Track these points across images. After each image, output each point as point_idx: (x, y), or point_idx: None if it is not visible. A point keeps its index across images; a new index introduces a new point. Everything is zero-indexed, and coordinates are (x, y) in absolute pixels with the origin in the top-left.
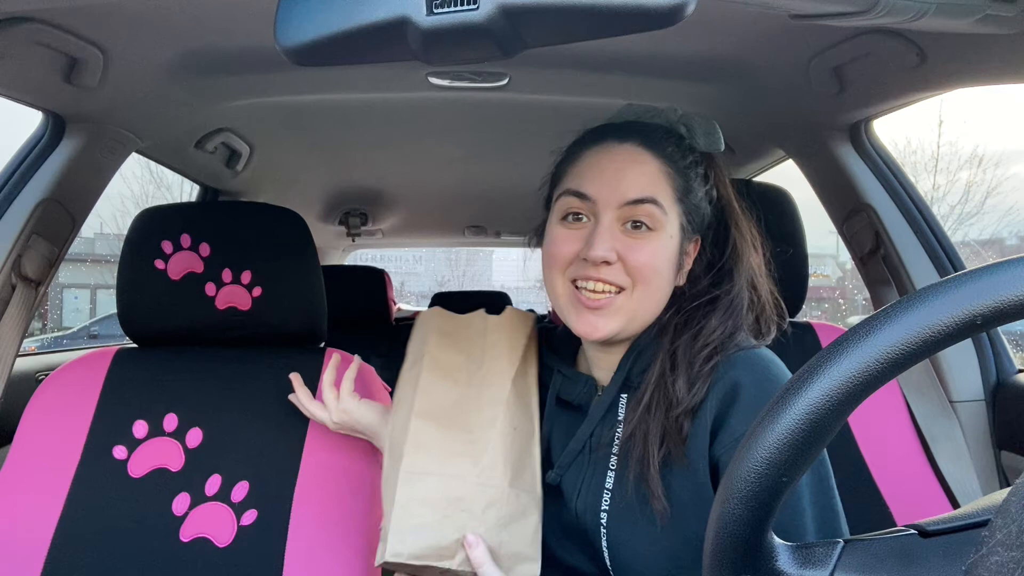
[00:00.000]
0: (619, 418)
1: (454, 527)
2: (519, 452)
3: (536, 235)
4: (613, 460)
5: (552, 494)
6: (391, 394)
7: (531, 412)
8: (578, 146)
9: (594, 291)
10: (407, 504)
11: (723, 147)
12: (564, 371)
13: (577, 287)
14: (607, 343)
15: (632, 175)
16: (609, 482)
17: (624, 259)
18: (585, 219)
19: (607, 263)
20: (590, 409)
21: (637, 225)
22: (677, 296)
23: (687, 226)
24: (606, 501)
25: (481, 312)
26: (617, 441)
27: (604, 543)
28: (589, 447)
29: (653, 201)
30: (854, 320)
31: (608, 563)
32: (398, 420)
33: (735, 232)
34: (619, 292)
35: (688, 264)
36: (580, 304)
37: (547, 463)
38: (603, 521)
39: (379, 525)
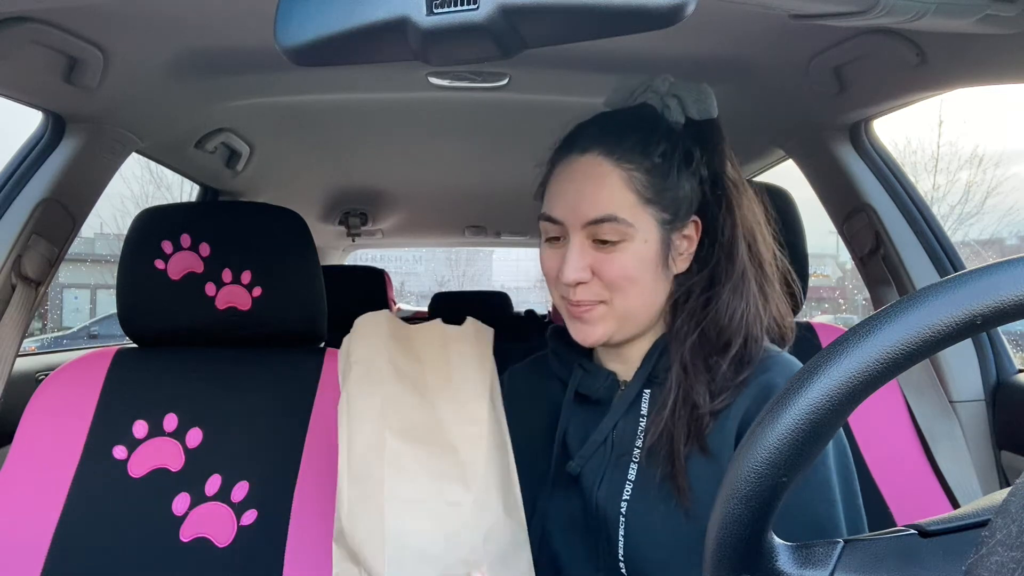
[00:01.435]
0: (642, 412)
1: (456, 563)
2: (506, 476)
3: None
4: (636, 453)
5: (562, 487)
6: None
7: (505, 434)
8: (552, 161)
9: (578, 304)
10: (401, 542)
11: (716, 112)
12: (585, 365)
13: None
14: (610, 345)
15: (590, 193)
16: (632, 473)
17: (599, 274)
18: (563, 239)
19: (581, 282)
20: (613, 402)
21: (606, 240)
22: (682, 281)
23: (670, 218)
24: (627, 492)
25: (438, 322)
26: (640, 434)
27: (621, 531)
28: (612, 440)
29: (612, 219)
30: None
31: (621, 553)
32: (362, 436)
33: (733, 210)
34: (600, 303)
35: (690, 247)
36: (569, 313)
37: (565, 456)
38: (623, 511)
39: None
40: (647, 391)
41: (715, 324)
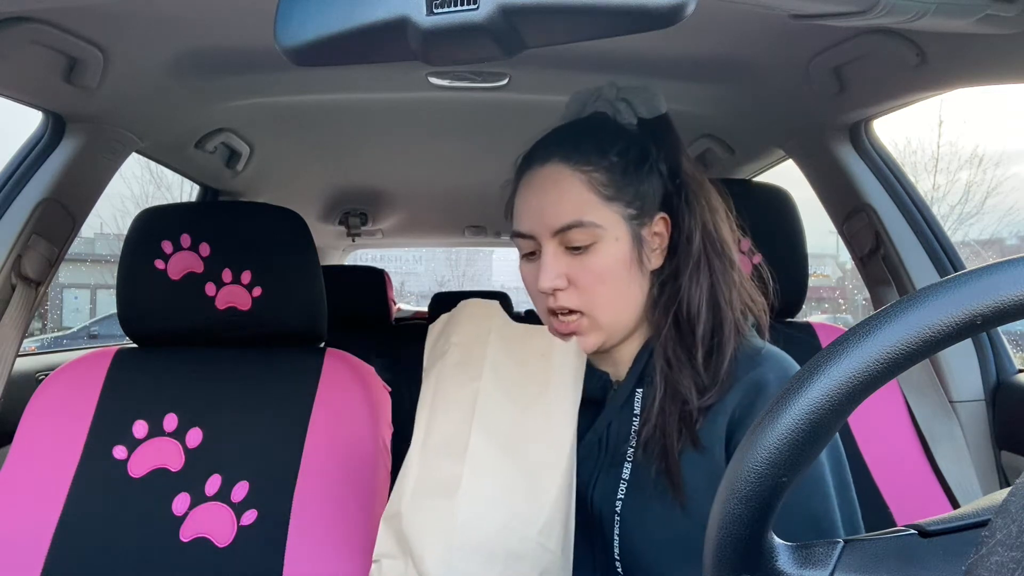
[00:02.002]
0: (635, 412)
1: None
2: (569, 511)
3: None
4: (630, 452)
5: None
6: (391, 395)
7: (574, 462)
8: (515, 177)
9: (564, 318)
10: (463, 541)
11: (664, 109)
12: None
13: (554, 314)
14: (602, 351)
15: (553, 201)
16: (626, 472)
17: (574, 282)
18: (536, 252)
19: (558, 289)
20: (606, 402)
21: (577, 245)
22: (659, 278)
23: (637, 213)
24: (622, 490)
25: (545, 329)
26: (634, 433)
27: (616, 531)
28: (606, 439)
29: (579, 224)
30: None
31: (616, 551)
32: (447, 425)
33: (689, 201)
34: (581, 315)
35: (662, 243)
36: (557, 331)
37: None
38: (618, 509)
39: (379, 526)
40: (639, 390)
41: (684, 312)
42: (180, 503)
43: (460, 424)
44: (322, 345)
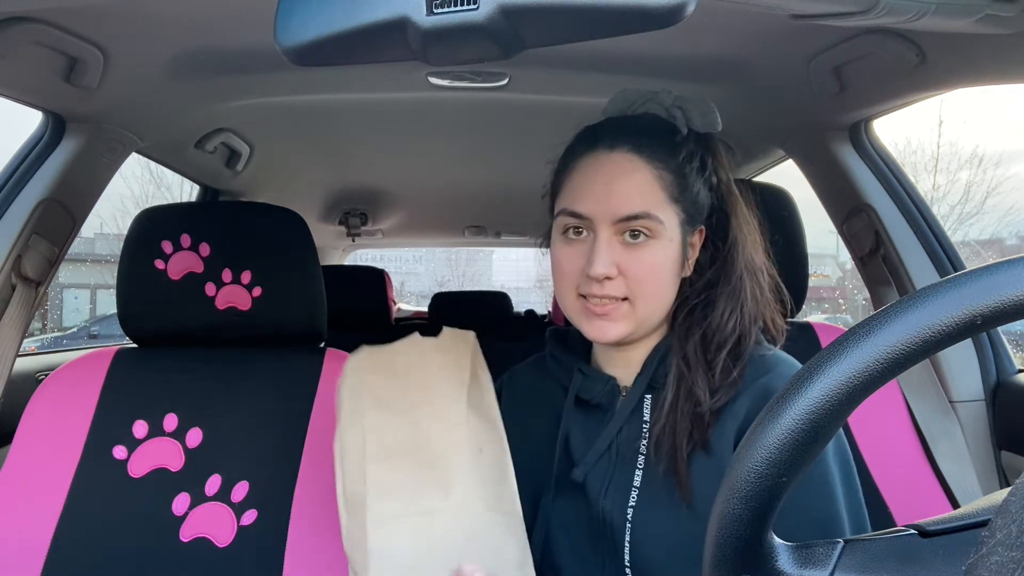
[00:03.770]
0: (645, 419)
1: (439, 570)
2: (491, 474)
3: (546, 238)
4: (640, 459)
5: (566, 492)
6: None
7: (497, 429)
8: (571, 155)
9: (603, 301)
10: (383, 558)
11: (720, 126)
12: (584, 370)
13: (585, 298)
14: (619, 344)
15: (623, 188)
16: (637, 479)
17: (625, 272)
18: (585, 233)
19: (609, 278)
20: (616, 409)
21: (635, 234)
22: (685, 286)
23: (687, 221)
24: (633, 498)
25: (415, 336)
26: (644, 439)
27: (627, 538)
28: (616, 446)
29: (646, 215)
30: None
31: (627, 559)
32: (349, 468)
33: (733, 219)
34: (624, 300)
35: (694, 254)
36: (589, 312)
37: (568, 462)
38: (629, 517)
39: None
40: (648, 396)
41: (714, 327)
42: (180, 503)
43: (358, 463)
44: (322, 345)
